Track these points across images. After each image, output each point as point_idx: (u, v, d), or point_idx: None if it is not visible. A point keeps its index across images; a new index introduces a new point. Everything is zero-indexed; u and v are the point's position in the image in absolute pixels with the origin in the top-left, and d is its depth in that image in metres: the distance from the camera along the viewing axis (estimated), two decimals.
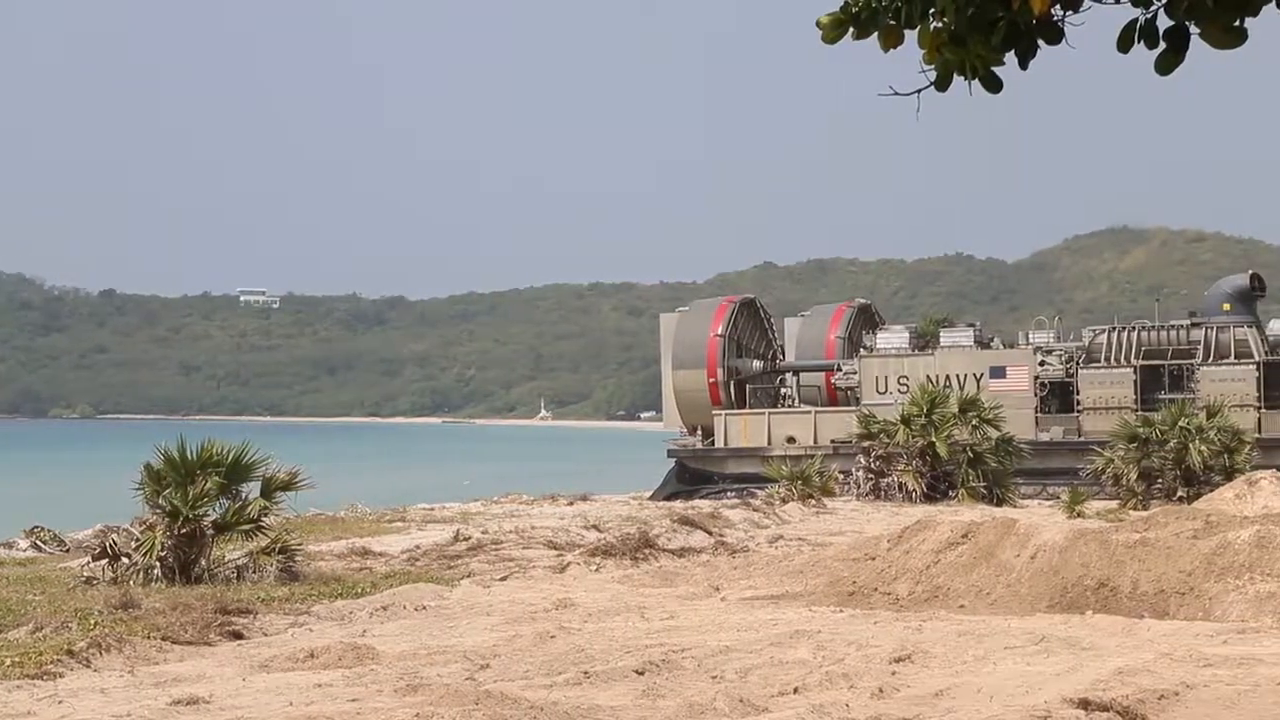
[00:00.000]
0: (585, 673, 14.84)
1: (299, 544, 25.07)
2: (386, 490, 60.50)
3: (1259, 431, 54.57)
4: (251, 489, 24.66)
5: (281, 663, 16.07)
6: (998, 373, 60.95)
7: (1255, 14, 5.76)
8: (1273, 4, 5.66)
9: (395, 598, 21.42)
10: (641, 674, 14.69)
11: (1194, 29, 5.86)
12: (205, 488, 23.61)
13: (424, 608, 20.79)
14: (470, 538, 30.44)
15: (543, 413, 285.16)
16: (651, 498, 57.32)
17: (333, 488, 33.47)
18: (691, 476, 64.96)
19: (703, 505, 41.91)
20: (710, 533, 31.02)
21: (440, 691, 13.81)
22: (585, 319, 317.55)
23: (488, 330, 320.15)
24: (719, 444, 64.50)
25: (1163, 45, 5.97)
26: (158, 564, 23.47)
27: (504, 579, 24.53)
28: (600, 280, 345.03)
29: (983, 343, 64.15)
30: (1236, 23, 5.78)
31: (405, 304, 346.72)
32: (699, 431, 65.46)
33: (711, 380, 64.55)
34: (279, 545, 24.04)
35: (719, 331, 64.96)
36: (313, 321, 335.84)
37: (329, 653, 16.33)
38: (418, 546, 29.22)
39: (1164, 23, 5.93)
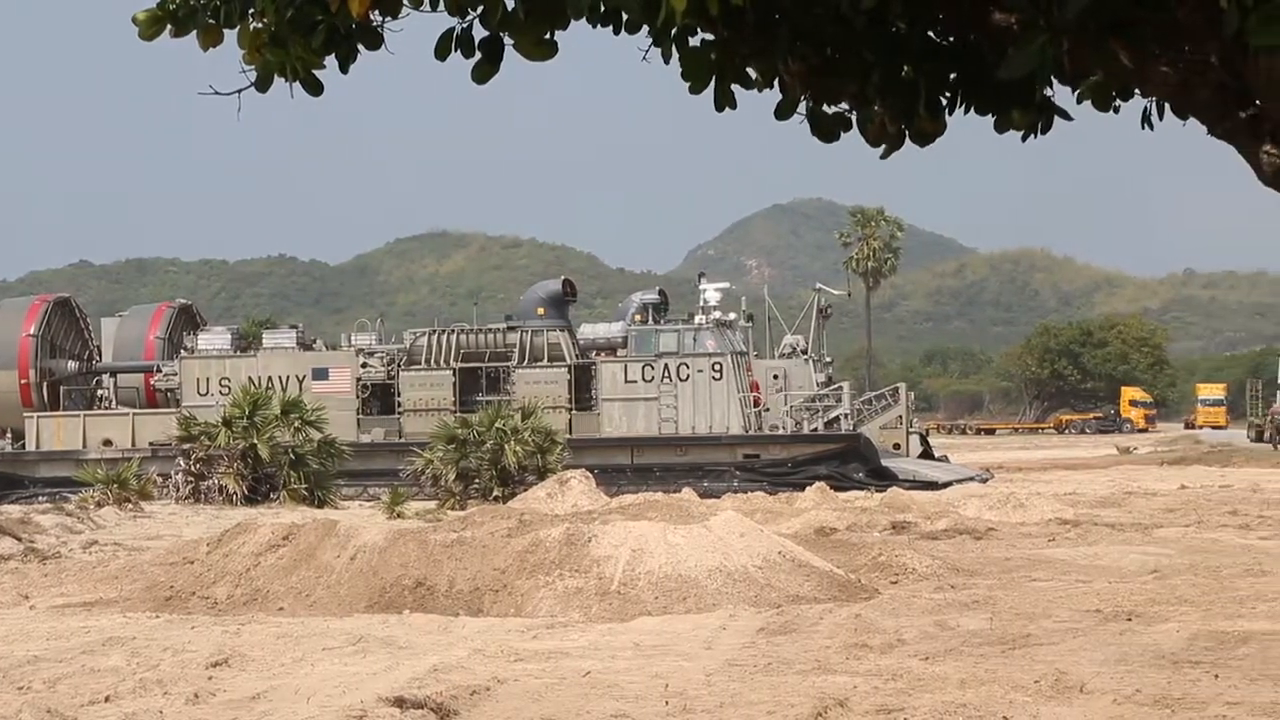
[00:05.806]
0: None
1: None
2: None
3: (570, 432, 56.64)
4: None
5: None
6: (320, 375, 61.03)
7: (565, 27, 5.96)
8: (585, 20, 5.87)
9: None
10: None
11: (508, 40, 6.01)
12: None
13: None
14: None
15: None
16: None
17: None
18: (0, 481, 62.33)
19: (12, 510, 40.17)
20: (19, 539, 29.78)
21: None
22: None
23: None
24: (30, 447, 62.12)
25: (478, 55, 6.09)
26: None
27: None
28: None
29: (305, 345, 64.03)
30: (547, 35, 5.97)
31: None
32: (9, 434, 62.89)
33: (23, 381, 62.08)
34: None
35: (31, 331, 62.53)
36: None
37: None
38: None
39: (480, 32, 6.05)
